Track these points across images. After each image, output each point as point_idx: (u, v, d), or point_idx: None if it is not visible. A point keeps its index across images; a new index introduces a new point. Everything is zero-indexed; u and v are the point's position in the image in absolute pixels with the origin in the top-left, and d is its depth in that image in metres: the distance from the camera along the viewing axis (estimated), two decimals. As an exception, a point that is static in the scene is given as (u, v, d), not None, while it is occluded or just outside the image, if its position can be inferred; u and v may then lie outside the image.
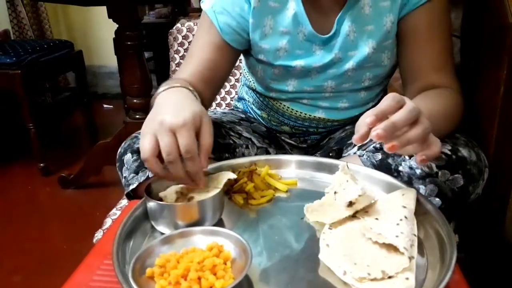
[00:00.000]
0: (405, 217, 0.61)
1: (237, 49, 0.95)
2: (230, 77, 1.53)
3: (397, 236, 0.57)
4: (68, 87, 3.22)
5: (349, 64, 0.93)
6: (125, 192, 0.88)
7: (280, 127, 1.10)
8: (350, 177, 0.73)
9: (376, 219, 0.63)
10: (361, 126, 0.60)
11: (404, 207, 0.64)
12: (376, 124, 0.58)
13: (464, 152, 0.79)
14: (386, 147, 0.60)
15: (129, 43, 1.83)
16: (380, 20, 0.90)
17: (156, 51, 3.09)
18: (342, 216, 0.65)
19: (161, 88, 0.78)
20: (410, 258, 0.55)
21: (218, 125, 1.03)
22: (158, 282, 0.54)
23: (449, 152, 0.78)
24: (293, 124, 1.07)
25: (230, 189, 0.76)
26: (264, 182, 0.77)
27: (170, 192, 0.68)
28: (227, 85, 1.55)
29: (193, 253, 0.58)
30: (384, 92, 1.10)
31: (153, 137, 0.64)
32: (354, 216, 0.66)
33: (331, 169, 0.80)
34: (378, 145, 0.89)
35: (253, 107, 1.14)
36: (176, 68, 1.65)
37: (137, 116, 1.95)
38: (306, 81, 0.96)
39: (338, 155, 1.01)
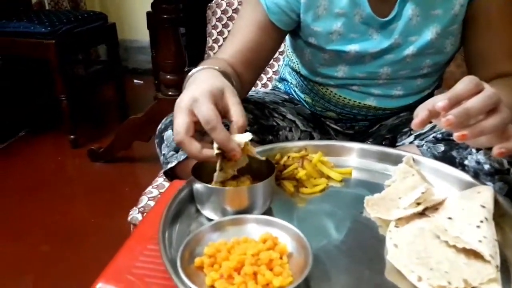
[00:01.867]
0: (486, 219, 0.54)
1: (283, 30, 0.88)
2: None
3: (480, 241, 0.50)
4: (99, 60, 3.20)
5: (409, 50, 0.85)
6: (163, 170, 0.83)
7: (325, 112, 1.03)
8: (416, 171, 0.65)
9: (449, 218, 0.56)
10: (422, 109, 0.54)
11: (483, 206, 0.56)
12: (448, 110, 0.52)
13: None
14: (455, 136, 0.53)
15: (165, 16, 1.78)
16: (449, 3, 0.81)
17: (189, 26, 3.03)
18: (408, 213, 0.58)
19: (194, 69, 0.73)
20: (497, 267, 0.48)
21: (261, 105, 0.96)
22: (209, 274, 0.48)
23: None
24: (340, 111, 1.00)
25: (279, 175, 0.69)
26: (316, 170, 0.70)
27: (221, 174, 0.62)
28: (276, 64, 1.48)
29: (245, 244, 0.52)
30: (441, 80, 1.02)
31: (183, 115, 0.59)
32: (422, 213, 0.59)
33: (390, 160, 0.73)
34: (439, 135, 0.81)
35: (296, 89, 1.07)
36: (213, 44, 1.59)
37: (170, 93, 1.92)
38: (359, 67, 0.89)
39: (392, 144, 0.93)
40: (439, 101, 0.52)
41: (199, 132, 0.60)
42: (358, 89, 0.93)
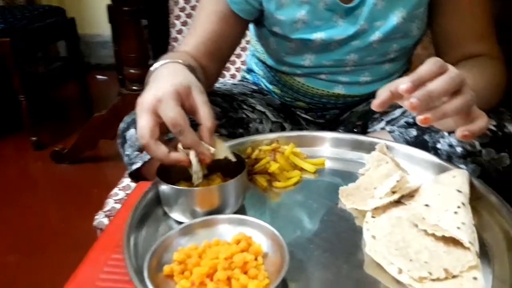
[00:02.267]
0: (463, 204, 0.53)
1: (246, 20, 0.85)
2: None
3: (458, 228, 0.49)
4: (59, 56, 3.07)
5: (375, 36, 0.83)
6: (128, 172, 0.79)
7: (295, 102, 1.00)
8: (390, 159, 0.64)
9: (426, 205, 0.55)
10: (384, 90, 0.53)
11: (459, 191, 0.55)
12: (411, 92, 0.50)
13: (510, 128, 0.71)
14: (418, 120, 0.51)
15: (126, 8, 1.71)
16: None
17: (151, 18, 2.94)
18: (384, 202, 0.56)
19: (156, 64, 0.69)
20: (476, 253, 0.47)
21: (230, 98, 0.93)
22: (179, 282, 0.45)
23: (494, 128, 0.70)
24: (309, 101, 0.97)
25: (251, 169, 0.67)
26: (289, 162, 0.68)
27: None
28: (243, 54, 1.44)
29: (217, 247, 0.49)
30: (410, 63, 1.01)
31: (147, 117, 0.56)
32: (398, 201, 0.58)
33: (364, 148, 0.71)
34: (411, 120, 0.80)
35: (264, 80, 1.04)
36: (177, 35, 1.54)
37: (134, 88, 1.86)
38: (326, 55, 0.87)
39: (363, 131, 0.92)
40: (402, 83, 0.51)
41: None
42: (325, 77, 0.91)
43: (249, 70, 1.10)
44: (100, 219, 0.87)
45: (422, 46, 1.23)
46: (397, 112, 0.88)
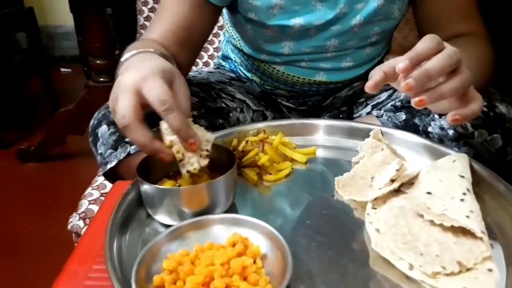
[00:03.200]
0: (468, 190, 0.50)
1: (218, 6, 0.79)
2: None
3: (467, 217, 0.46)
4: (19, 49, 2.91)
5: (356, 20, 0.79)
6: (102, 172, 0.72)
7: (276, 90, 0.96)
8: (386, 145, 0.61)
9: (429, 193, 0.52)
10: (377, 70, 0.50)
11: (462, 176, 0.52)
12: (409, 71, 0.48)
13: (502, 108, 0.69)
14: (413, 102, 0.49)
15: (88, -5, 1.62)
16: None
17: (116, 5, 2.82)
18: (383, 192, 0.53)
19: (126, 54, 0.63)
20: (491, 245, 0.44)
21: (207, 87, 0.88)
22: (172, 294, 0.41)
23: (485, 109, 0.68)
24: (290, 89, 0.93)
25: (239, 163, 0.62)
26: (278, 153, 0.64)
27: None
28: (216, 40, 1.38)
29: (211, 251, 0.45)
30: (389, 45, 0.98)
31: (129, 95, 0.50)
32: (397, 190, 0.54)
33: (356, 134, 0.67)
34: (398, 103, 0.77)
35: (241, 68, 0.99)
36: (145, 22, 1.47)
37: (101, 79, 1.79)
38: (305, 42, 0.82)
39: (349, 116, 0.89)
40: (399, 62, 0.48)
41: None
42: (306, 65, 0.87)
43: (225, 57, 1.05)
44: (75, 222, 0.81)
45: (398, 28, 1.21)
46: (383, 96, 0.85)
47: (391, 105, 0.79)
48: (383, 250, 0.45)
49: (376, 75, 0.50)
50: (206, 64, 1.38)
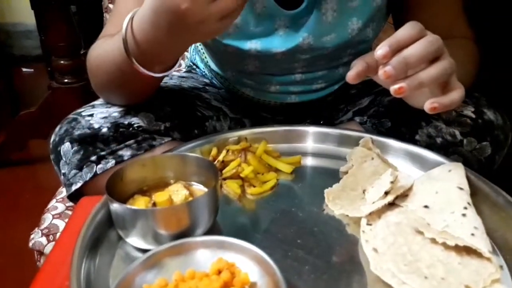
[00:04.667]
0: (469, 204, 0.47)
1: None
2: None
3: (472, 235, 0.42)
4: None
5: (323, 50, 0.72)
6: (67, 194, 0.66)
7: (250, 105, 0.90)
8: (377, 155, 0.57)
9: (426, 207, 0.48)
10: (359, 60, 0.49)
11: (461, 188, 0.49)
12: (389, 58, 0.46)
13: (490, 114, 0.66)
14: (392, 90, 0.47)
15: (50, -7, 1.53)
16: None
17: (80, 2, 2.70)
18: (378, 206, 0.49)
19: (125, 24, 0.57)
20: (501, 267, 0.41)
21: (180, 94, 0.81)
22: (150, 335, 0.35)
23: (473, 115, 0.65)
24: (264, 109, 0.88)
25: (219, 174, 0.57)
26: (262, 163, 0.59)
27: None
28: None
29: (193, 281, 0.39)
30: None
31: None
32: (392, 203, 0.51)
33: (343, 141, 0.64)
34: (382, 109, 0.74)
35: (213, 81, 0.92)
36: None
37: (66, 80, 1.72)
38: (270, 62, 0.76)
39: (330, 123, 0.85)
40: (379, 48, 0.46)
41: None
42: (276, 90, 0.81)
43: (194, 64, 0.98)
44: (37, 239, 0.74)
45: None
46: (365, 101, 0.81)
47: (374, 111, 0.75)
48: (383, 273, 0.41)
49: (358, 64, 0.48)
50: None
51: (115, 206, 0.45)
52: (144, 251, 0.45)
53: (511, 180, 0.86)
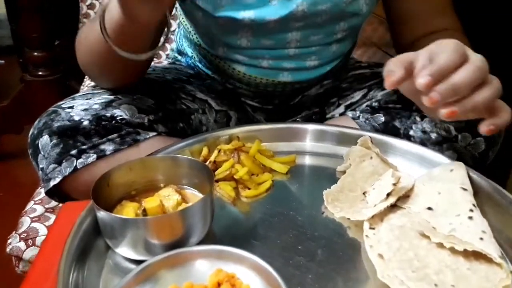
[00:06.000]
0: (474, 206, 0.45)
1: None
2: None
3: (481, 239, 0.41)
4: None
5: (317, 18, 0.71)
6: (45, 190, 0.62)
7: (238, 89, 0.87)
8: (375, 154, 0.55)
9: (429, 208, 0.47)
10: (397, 68, 0.45)
11: (464, 189, 0.48)
12: (432, 87, 0.44)
13: None
14: (443, 114, 0.45)
15: (22, -21, 1.46)
16: None
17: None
18: (380, 209, 0.47)
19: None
20: (511, 272, 0.39)
21: (163, 86, 0.78)
22: None
23: None
24: (254, 90, 0.85)
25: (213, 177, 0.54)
26: (257, 164, 0.56)
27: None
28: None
29: (192, 295, 0.37)
30: (356, 38, 0.92)
31: None
32: (394, 204, 0.49)
33: (338, 139, 0.61)
34: (375, 104, 0.73)
35: (200, 65, 0.89)
36: (88, 10, 1.35)
37: (40, 73, 1.66)
38: (263, 35, 0.73)
39: (322, 118, 0.83)
40: (419, 76, 0.43)
41: None
42: (268, 65, 0.78)
43: (181, 52, 0.95)
44: (15, 243, 0.69)
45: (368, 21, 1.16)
46: (357, 96, 0.79)
47: (367, 106, 0.74)
48: (391, 281, 0.40)
49: (397, 72, 0.45)
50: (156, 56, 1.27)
51: (103, 215, 0.42)
52: (135, 261, 0.42)
53: (502, 177, 0.86)
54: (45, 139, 0.60)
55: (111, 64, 0.64)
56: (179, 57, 0.95)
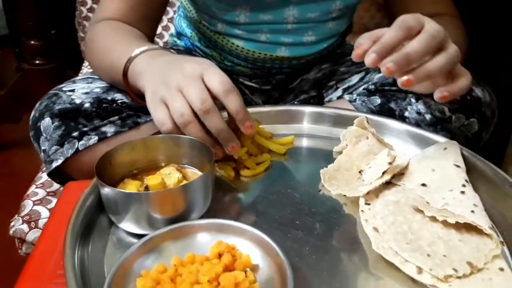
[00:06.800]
0: (466, 181, 0.47)
1: None
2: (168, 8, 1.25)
3: (472, 212, 0.42)
4: None
5: None
6: (47, 172, 0.63)
7: (236, 67, 0.88)
8: (371, 134, 0.56)
9: (423, 185, 0.48)
10: (365, 40, 0.47)
11: (457, 166, 0.49)
12: (378, 63, 0.46)
13: (478, 91, 0.67)
14: (400, 82, 0.47)
15: (18, -34, 1.45)
16: None
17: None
18: (375, 185, 0.49)
19: (134, 52, 0.60)
20: (502, 243, 0.41)
21: None
22: (153, 323, 0.34)
23: None
24: (252, 66, 0.86)
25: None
26: (255, 144, 0.57)
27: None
28: (164, 18, 1.28)
29: (194, 266, 0.38)
30: (351, 22, 0.93)
31: (164, 104, 0.51)
32: (389, 181, 0.50)
33: (334, 121, 0.63)
34: (371, 87, 0.74)
35: (199, 45, 0.90)
36: (86, -1, 1.33)
37: (37, 62, 1.63)
38: (262, 10, 0.75)
39: (320, 101, 0.84)
40: (366, 55, 0.46)
41: None
42: (266, 39, 0.80)
43: (179, 34, 0.96)
44: (18, 226, 0.71)
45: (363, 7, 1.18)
46: (354, 79, 0.81)
47: (364, 89, 0.75)
48: (385, 252, 0.41)
49: (364, 44, 0.47)
50: (160, 36, 1.27)
51: (107, 191, 0.43)
52: (138, 236, 0.44)
53: (495, 157, 0.87)
54: (46, 121, 0.61)
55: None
56: (178, 41, 0.96)
